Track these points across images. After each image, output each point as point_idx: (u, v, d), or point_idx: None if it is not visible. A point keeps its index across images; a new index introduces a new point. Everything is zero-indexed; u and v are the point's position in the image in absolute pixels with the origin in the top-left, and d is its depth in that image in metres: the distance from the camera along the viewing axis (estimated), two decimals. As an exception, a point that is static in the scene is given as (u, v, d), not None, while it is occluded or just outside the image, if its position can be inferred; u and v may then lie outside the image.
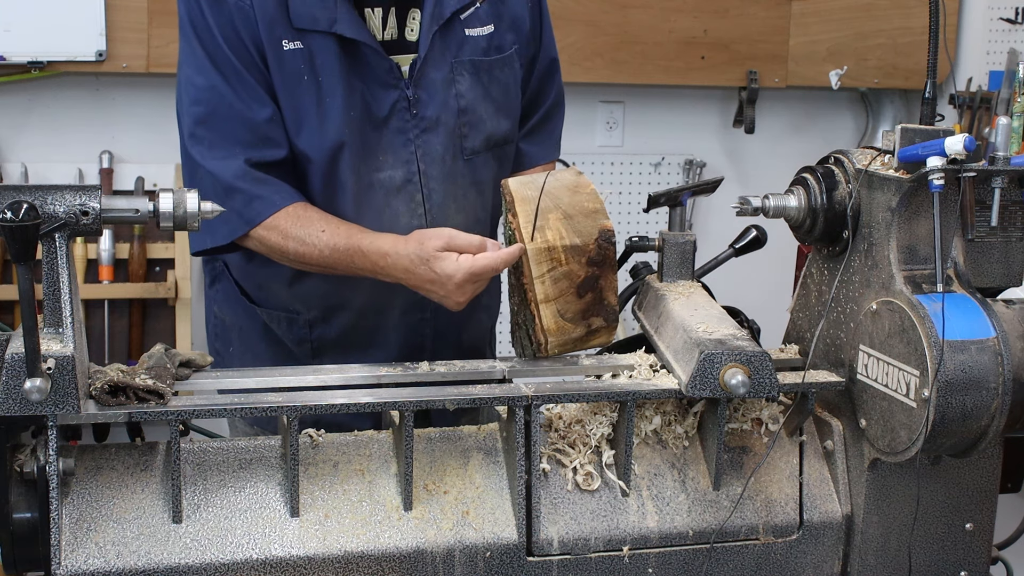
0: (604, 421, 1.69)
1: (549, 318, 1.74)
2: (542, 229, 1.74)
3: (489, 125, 2.07)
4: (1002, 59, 4.16)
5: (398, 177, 2.00)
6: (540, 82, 2.21)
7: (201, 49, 1.91)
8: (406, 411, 1.59)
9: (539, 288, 1.73)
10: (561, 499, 1.66)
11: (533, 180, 1.80)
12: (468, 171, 2.06)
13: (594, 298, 1.76)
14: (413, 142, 2.00)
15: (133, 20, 3.64)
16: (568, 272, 1.74)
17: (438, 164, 2.02)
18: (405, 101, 1.98)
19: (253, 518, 1.58)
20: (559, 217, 1.75)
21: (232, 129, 1.91)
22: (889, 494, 1.72)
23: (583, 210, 1.77)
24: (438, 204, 2.02)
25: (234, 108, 1.90)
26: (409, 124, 1.99)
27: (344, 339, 2.09)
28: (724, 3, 4.15)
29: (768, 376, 1.60)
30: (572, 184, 1.80)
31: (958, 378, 1.53)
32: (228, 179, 1.89)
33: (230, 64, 1.90)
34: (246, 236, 1.92)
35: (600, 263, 1.76)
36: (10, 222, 1.35)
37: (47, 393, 1.42)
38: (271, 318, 2.12)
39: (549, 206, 1.76)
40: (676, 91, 4.34)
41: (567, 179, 1.82)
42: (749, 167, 4.49)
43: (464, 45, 2.03)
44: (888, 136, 1.69)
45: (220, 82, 1.90)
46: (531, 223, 1.74)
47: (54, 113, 3.81)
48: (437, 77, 2.00)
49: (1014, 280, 1.69)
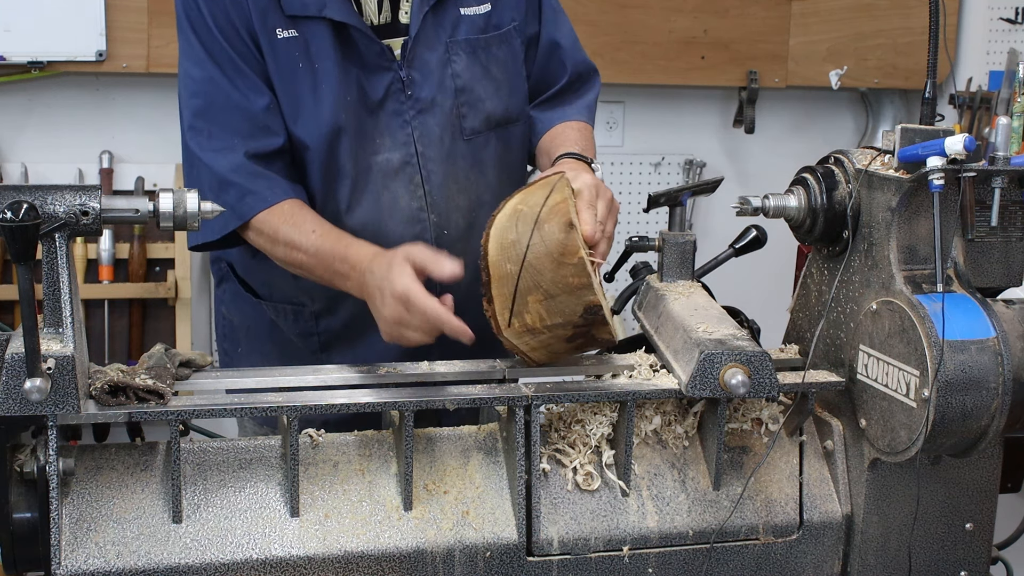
0: (604, 421, 1.69)
1: (540, 358, 1.69)
2: (520, 314, 1.61)
3: (489, 105, 2.07)
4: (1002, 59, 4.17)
5: (396, 159, 2.00)
6: (545, 63, 2.19)
7: (197, 42, 1.93)
8: (406, 411, 1.59)
9: (523, 347, 1.67)
10: (561, 499, 1.66)
11: (516, 242, 1.61)
12: (468, 152, 2.06)
13: (586, 341, 1.69)
14: (410, 123, 2.00)
15: (133, 20, 3.64)
16: (553, 336, 1.65)
17: (436, 145, 2.02)
18: (399, 83, 1.99)
19: (253, 518, 1.58)
20: (539, 299, 1.61)
21: (230, 120, 1.92)
22: (889, 494, 1.72)
23: (567, 287, 1.60)
24: (438, 185, 2.03)
25: (231, 98, 1.92)
26: (405, 106, 2.00)
27: (350, 330, 2.09)
28: (724, 3, 4.15)
29: (768, 376, 1.60)
30: (559, 248, 1.59)
31: (958, 378, 1.53)
32: (224, 172, 1.90)
33: (226, 55, 1.91)
34: (244, 228, 1.93)
35: (588, 324, 1.64)
36: (10, 222, 1.35)
37: (47, 393, 1.42)
38: (277, 312, 2.12)
39: (529, 286, 1.60)
40: (676, 91, 4.34)
41: (554, 240, 1.59)
42: (749, 167, 4.49)
43: (459, 24, 2.04)
44: (888, 136, 1.69)
45: (217, 74, 1.92)
46: (507, 310, 1.62)
47: (54, 113, 3.81)
48: (431, 58, 2.01)
49: (1014, 280, 1.69)
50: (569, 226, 1.60)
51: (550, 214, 1.61)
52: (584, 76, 2.24)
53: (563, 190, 1.66)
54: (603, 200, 1.75)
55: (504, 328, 1.63)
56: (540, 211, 1.61)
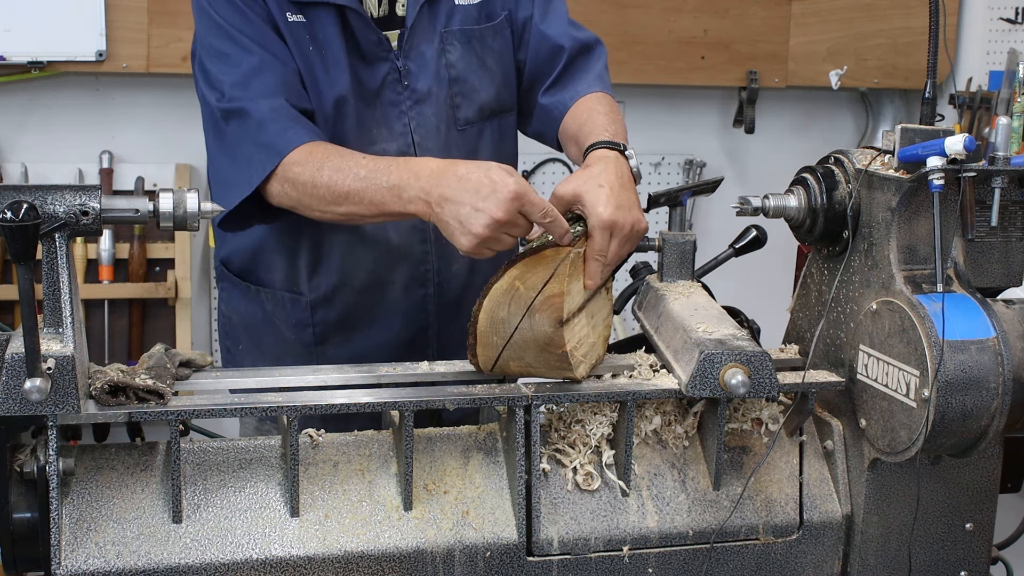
0: (604, 421, 1.69)
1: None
2: (502, 368, 1.65)
3: (483, 95, 2.09)
4: (1002, 59, 4.17)
5: (392, 150, 2.02)
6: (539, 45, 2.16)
7: (221, 18, 1.93)
8: (406, 411, 1.59)
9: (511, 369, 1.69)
10: (561, 499, 1.66)
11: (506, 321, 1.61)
12: (463, 142, 2.08)
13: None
14: (406, 114, 2.02)
15: (133, 20, 3.65)
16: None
17: (432, 135, 2.04)
18: (396, 73, 2.01)
19: (253, 518, 1.58)
20: (520, 365, 1.64)
21: (268, 80, 1.91)
22: (889, 494, 1.72)
23: (548, 366, 1.63)
24: None
25: (266, 61, 1.92)
26: (401, 96, 2.01)
27: (346, 320, 2.10)
28: (724, 3, 4.15)
29: (768, 376, 1.60)
30: (545, 340, 1.60)
31: (958, 378, 1.53)
32: (264, 113, 1.87)
33: (252, 24, 1.92)
34: (275, 181, 1.85)
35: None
36: (10, 222, 1.35)
37: (47, 393, 1.42)
38: (274, 302, 2.13)
39: (512, 356, 1.63)
40: (676, 91, 4.35)
41: (542, 332, 1.60)
42: (749, 167, 4.49)
43: (453, 15, 2.05)
44: (888, 136, 1.69)
45: (248, 42, 1.92)
46: (491, 363, 1.64)
47: (54, 113, 3.81)
48: (427, 49, 2.03)
49: (1014, 280, 1.69)
50: (559, 323, 1.59)
51: (544, 304, 1.60)
52: (586, 48, 2.18)
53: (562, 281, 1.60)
54: (617, 239, 1.70)
55: (486, 372, 1.67)
56: (535, 298, 1.60)
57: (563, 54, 2.15)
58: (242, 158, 1.88)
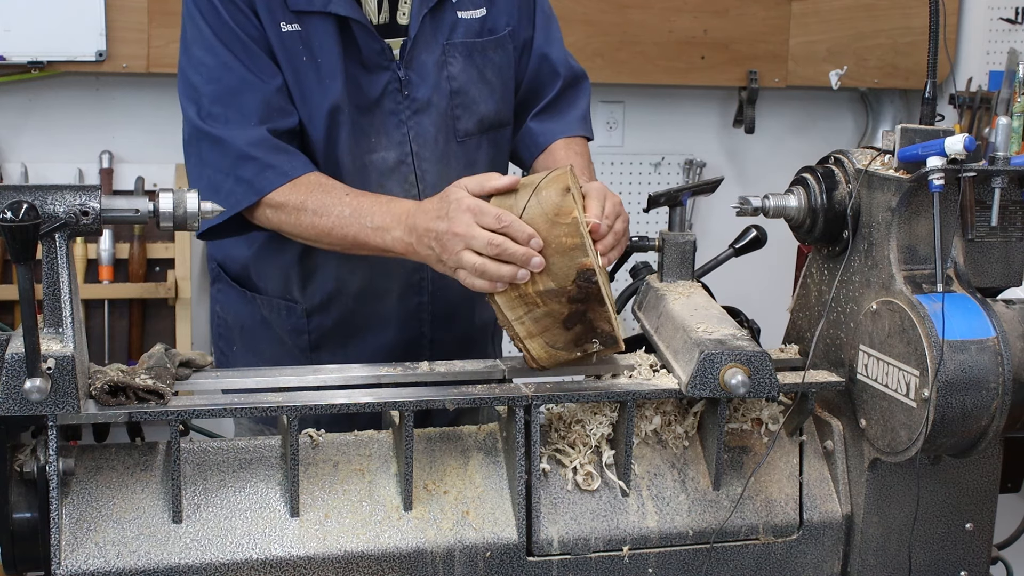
0: (604, 421, 1.69)
1: (538, 349, 1.69)
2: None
3: (483, 108, 2.09)
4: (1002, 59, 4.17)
5: (391, 158, 2.02)
6: (537, 69, 2.20)
7: (208, 28, 1.93)
8: (406, 411, 1.59)
9: (519, 328, 1.67)
10: (561, 499, 1.66)
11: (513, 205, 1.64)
12: (462, 153, 2.08)
13: (585, 328, 1.67)
14: (405, 123, 2.02)
15: (133, 20, 3.64)
16: (549, 311, 1.65)
17: (431, 146, 2.04)
18: (397, 83, 2.00)
19: (253, 518, 1.58)
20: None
21: (247, 101, 1.91)
22: (889, 494, 1.72)
23: (559, 247, 1.61)
24: (432, 185, 2.03)
25: (247, 80, 1.91)
26: (401, 106, 2.01)
27: (342, 328, 2.10)
28: (724, 3, 4.15)
29: (768, 376, 1.60)
30: (553, 209, 1.61)
31: (958, 378, 1.53)
32: (242, 146, 1.88)
33: (238, 39, 1.91)
34: (256, 208, 1.90)
35: (584, 300, 1.63)
36: (10, 222, 1.35)
37: (47, 393, 1.42)
38: (270, 308, 2.13)
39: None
40: (676, 91, 4.34)
41: (550, 201, 1.62)
42: (749, 167, 4.49)
43: (456, 27, 2.05)
44: (888, 136, 1.69)
45: (230, 58, 1.91)
46: None
47: (54, 113, 3.81)
48: (428, 59, 2.02)
49: (1014, 280, 1.69)
50: (565, 190, 1.62)
51: (549, 183, 1.65)
52: (575, 82, 2.25)
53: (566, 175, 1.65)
54: (611, 201, 1.75)
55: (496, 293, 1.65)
56: (540, 181, 1.65)
57: (559, 80, 2.21)
58: (219, 185, 1.89)
